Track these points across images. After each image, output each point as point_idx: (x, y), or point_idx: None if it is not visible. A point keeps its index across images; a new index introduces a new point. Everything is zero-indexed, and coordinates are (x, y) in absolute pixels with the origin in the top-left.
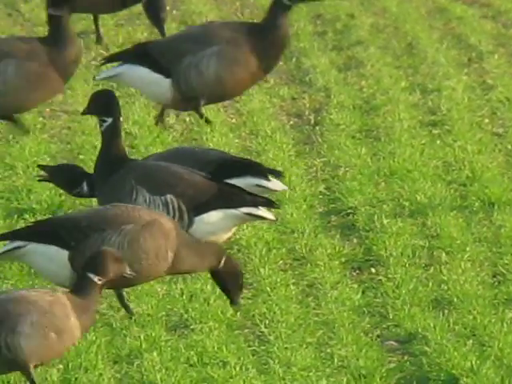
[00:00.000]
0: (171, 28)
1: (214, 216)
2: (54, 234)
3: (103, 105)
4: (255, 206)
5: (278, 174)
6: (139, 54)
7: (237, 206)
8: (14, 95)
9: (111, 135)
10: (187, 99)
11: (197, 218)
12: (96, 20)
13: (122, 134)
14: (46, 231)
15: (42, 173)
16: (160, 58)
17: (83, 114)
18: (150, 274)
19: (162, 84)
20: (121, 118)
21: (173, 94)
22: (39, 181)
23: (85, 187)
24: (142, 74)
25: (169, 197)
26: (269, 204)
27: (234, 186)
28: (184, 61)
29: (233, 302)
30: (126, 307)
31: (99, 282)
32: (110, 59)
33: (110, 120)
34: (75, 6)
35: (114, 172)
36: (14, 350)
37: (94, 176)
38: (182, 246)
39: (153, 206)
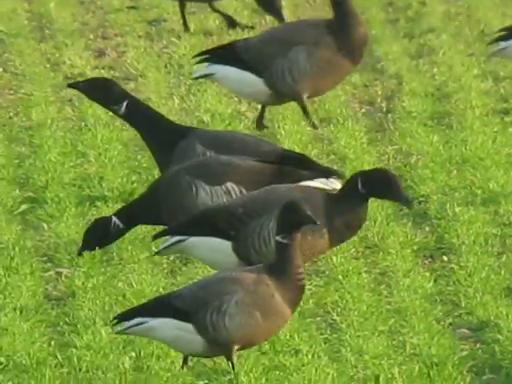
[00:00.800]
0: (243, 15)
1: None
2: (213, 226)
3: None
4: (312, 179)
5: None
6: (229, 54)
7: (295, 182)
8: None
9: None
10: (284, 96)
11: None
12: (182, 8)
13: (194, 120)
14: (203, 223)
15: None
16: (251, 58)
17: (70, 86)
18: (312, 252)
19: (256, 84)
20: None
21: (268, 93)
22: (69, 86)
23: (123, 108)
24: (234, 74)
25: (229, 184)
26: (328, 174)
27: (287, 163)
28: (275, 61)
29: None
30: None
31: (290, 242)
32: (200, 56)
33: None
34: None
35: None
36: (219, 329)
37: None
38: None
39: (215, 197)
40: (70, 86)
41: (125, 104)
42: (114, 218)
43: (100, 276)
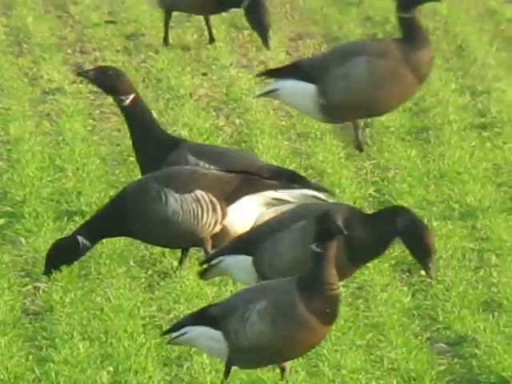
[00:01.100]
0: (221, 30)
1: (243, 204)
2: (239, 245)
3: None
4: (276, 189)
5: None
6: (293, 70)
7: (262, 191)
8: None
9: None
10: (337, 110)
11: (229, 208)
12: (167, 19)
13: (172, 134)
14: (234, 244)
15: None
16: (310, 70)
17: (79, 74)
18: None
19: (309, 92)
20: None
21: (320, 103)
22: (78, 75)
23: (129, 100)
24: (293, 86)
25: (198, 192)
26: (289, 187)
27: (253, 173)
28: (333, 69)
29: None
30: None
31: (323, 252)
32: (266, 74)
33: (131, 96)
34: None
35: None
36: (241, 337)
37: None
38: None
39: (185, 205)
40: (78, 74)
41: (131, 97)
42: (80, 238)
43: (78, 290)
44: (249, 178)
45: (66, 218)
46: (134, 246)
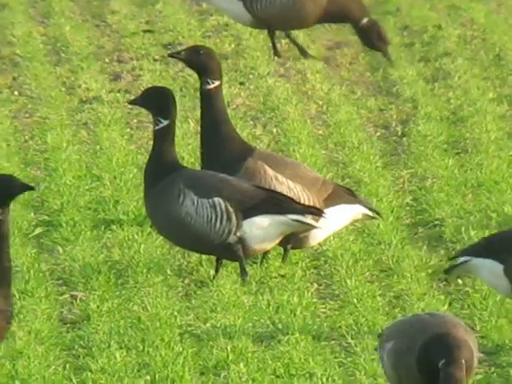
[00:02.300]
0: (259, 39)
1: (261, 220)
2: (488, 248)
3: (162, 104)
4: (302, 213)
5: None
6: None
7: (285, 213)
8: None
9: (165, 138)
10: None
11: (245, 221)
12: (272, 35)
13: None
14: (483, 246)
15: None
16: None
17: (130, 103)
18: None
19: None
20: (176, 121)
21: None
22: (169, 56)
23: (214, 84)
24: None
25: (216, 199)
26: (316, 213)
27: (281, 193)
28: None
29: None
30: None
31: None
32: None
33: (166, 122)
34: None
35: (164, 177)
36: None
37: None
38: None
39: (200, 209)
40: (170, 56)
41: (216, 83)
42: None
43: (115, 299)
44: (274, 197)
45: (103, 227)
46: (171, 255)
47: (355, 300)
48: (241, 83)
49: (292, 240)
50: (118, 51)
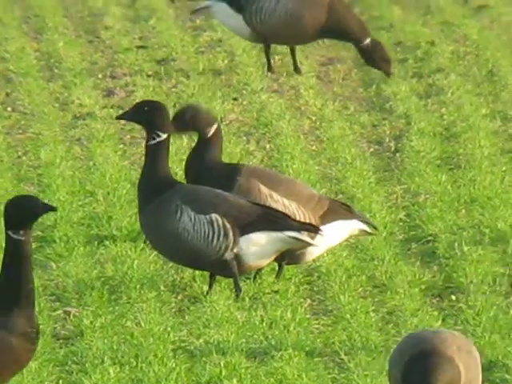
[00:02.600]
0: (252, 55)
1: (258, 237)
2: None
3: (157, 118)
4: (299, 230)
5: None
6: None
7: (281, 230)
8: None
9: (159, 153)
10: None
11: (242, 238)
12: (293, 52)
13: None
14: None
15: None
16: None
17: (119, 118)
18: None
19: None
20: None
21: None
22: (117, 119)
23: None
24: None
25: (213, 215)
26: (313, 230)
27: (278, 210)
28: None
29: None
30: None
31: None
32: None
33: (164, 136)
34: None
35: (159, 193)
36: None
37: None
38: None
39: (198, 225)
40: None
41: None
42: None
43: (108, 315)
44: (271, 214)
45: (96, 243)
46: (165, 271)
47: (348, 316)
48: (234, 99)
49: (288, 256)
50: (112, 67)
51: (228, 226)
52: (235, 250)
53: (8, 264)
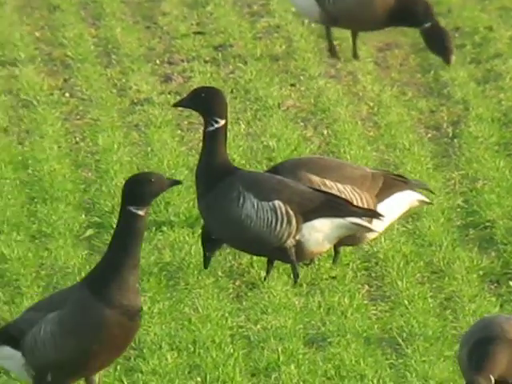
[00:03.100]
0: (309, 41)
1: (321, 223)
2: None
3: (216, 104)
4: (361, 216)
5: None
6: None
7: (344, 216)
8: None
9: (218, 139)
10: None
11: (304, 225)
12: (354, 37)
13: (260, 145)
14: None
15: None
16: None
17: (176, 105)
18: None
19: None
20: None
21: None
22: (174, 106)
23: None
24: None
25: (277, 202)
26: (375, 215)
27: (339, 197)
28: None
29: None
30: None
31: None
32: None
33: (222, 122)
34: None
35: (220, 180)
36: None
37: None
38: None
39: (261, 212)
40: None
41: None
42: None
43: (166, 301)
44: (333, 200)
45: (153, 229)
46: (222, 257)
47: (406, 302)
48: (291, 84)
49: (348, 238)
50: (169, 53)
51: (291, 212)
52: (297, 237)
53: (120, 239)
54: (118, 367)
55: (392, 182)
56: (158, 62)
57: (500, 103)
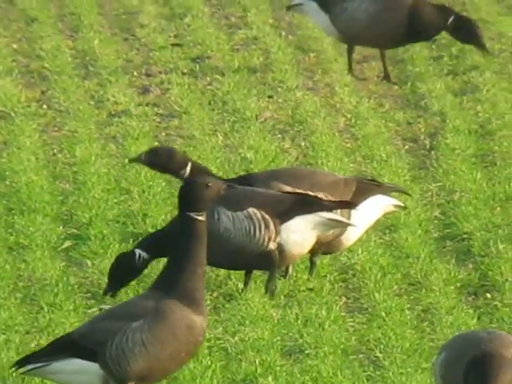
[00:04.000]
0: (287, 53)
1: (296, 223)
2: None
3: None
4: (333, 209)
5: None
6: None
7: (316, 211)
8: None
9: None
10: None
11: (282, 226)
12: (383, 57)
13: (238, 157)
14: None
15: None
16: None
17: (131, 161)
18: None
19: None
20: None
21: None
22: (130, 162)
23: (187, 171)
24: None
25: (250, 209)
26: (348, 206)
27: (308, 194)
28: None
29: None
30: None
31: None
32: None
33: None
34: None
35: None
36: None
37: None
38: None
39: (237, 222)
40: (130, 161)
41: (188, 168)
42: (138, 251)
43: None
44: (303, 198)
45: (131, 240)
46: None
47: (383, 313)
48: (269, 96)
49: (325, 246)
50: (147, 65)
51: (267, 216)
52: (278, 240)
53: (186, 244)
54: None
55: (365, 187)
56: (135, 73)
57: (477, 115)
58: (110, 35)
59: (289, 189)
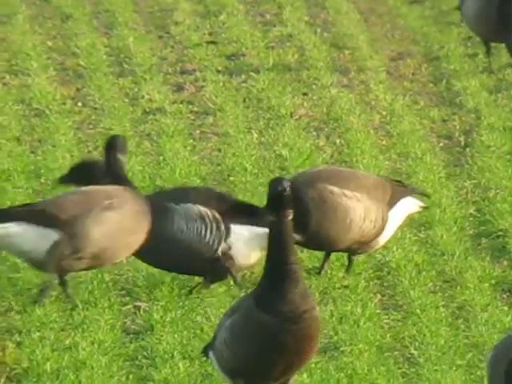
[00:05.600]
0: (322, 50)
1: (243, 229)
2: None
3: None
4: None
5: None
6: None
7: (250, 216)
8: None
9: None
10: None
11: (231, 228)
12: (488, 48)
13: (273, 154)
14: None
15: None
16: None
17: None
18: None
19: None
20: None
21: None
22: (60, 183)
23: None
24: None
25: (203, 209)
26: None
27: (243, 202)
28: None
29: None
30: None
31: None
32: None
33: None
34: None
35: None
36: None
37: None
38: None
39: (190, 221)
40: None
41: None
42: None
43: (178, 310)
44: (239, 207)
45: None
46: None
47: (418, 311)
48: (304, 94)
49: (356, 247)
50: (181, 62)
51: (217, 215)
52: (228, 242)
53: (270, 246)
54: (131, 376)
55: (397, 189)
56: (170, 71)
57: None
58: (145, 33)
59: (337, 190)
